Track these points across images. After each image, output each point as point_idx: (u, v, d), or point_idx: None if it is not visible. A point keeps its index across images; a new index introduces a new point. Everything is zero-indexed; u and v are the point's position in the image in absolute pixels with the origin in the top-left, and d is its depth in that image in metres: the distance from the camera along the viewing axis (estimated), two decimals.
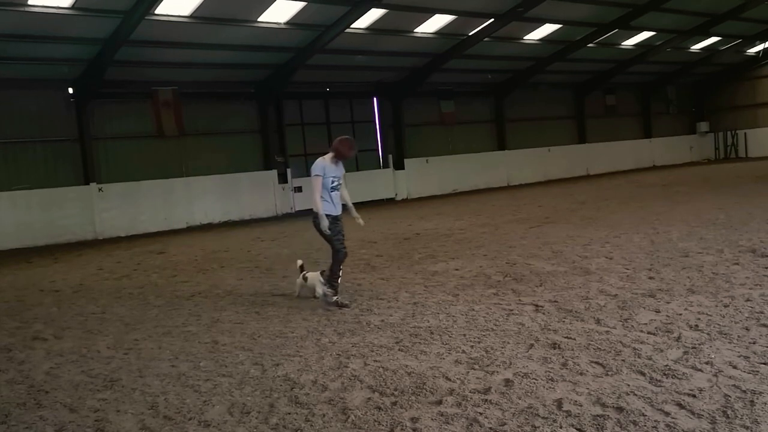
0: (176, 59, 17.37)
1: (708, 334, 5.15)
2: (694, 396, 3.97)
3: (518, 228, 12.71)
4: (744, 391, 3.96)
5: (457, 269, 8.84)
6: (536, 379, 4.45)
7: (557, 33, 22.34)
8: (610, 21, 22.21)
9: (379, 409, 4.17)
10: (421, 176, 23.85)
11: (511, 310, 6.38)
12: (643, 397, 4.01)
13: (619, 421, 3.69)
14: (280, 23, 16.86)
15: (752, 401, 3.82)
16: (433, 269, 9.00)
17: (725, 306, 5.90)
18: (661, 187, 19.90)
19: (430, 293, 7.49)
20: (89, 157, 17.37)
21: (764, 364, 4.41)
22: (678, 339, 5.08)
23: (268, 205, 20.45)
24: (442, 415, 3.99)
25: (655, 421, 3.67)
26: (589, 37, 23.09)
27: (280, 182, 20.69)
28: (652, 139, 31.98)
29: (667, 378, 4.28)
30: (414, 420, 3.96)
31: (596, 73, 28.11)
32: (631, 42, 25.26)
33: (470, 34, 20.49)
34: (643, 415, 3.75)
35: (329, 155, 7.15)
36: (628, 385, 4.20)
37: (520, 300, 6.80)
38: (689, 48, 27.89)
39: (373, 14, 17.46)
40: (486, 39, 20.60)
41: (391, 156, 23.28)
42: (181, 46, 16.54)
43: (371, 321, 6.42)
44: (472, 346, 5.32)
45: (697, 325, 5.38)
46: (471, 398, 4.21)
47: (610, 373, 4.46)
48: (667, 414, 3.75)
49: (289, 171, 20.89)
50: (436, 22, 19.20)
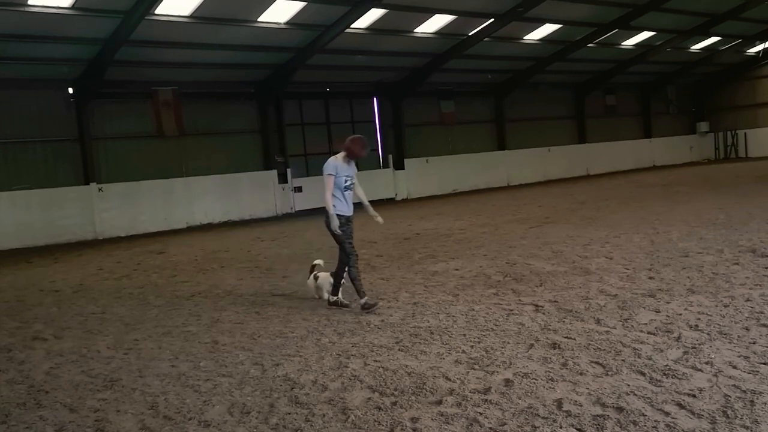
0: (176, 59, 17.37)
1: (708, 334, 5.15)
2: (694, 396, 3.97)
3: (518, 228, 12.71)
4: (744, 391, 3.97)
5: (457, 269, 8.85)
6: (536, 379, 4.45)
7: (557, 33, 22.34)
8: (610, 21, 22.21)
9: (379, 409, 4.17)
10: (421, 176, 23.84)
11: (511, 310, 6.39)
12: (643, 397, 4.01)
13: (619, 421, 3.70)
14: (280, 23, 16.86)
15: (752, 401, 3.82)
16: (433, 269, 9.00)
17: (725, 306, 5.90)
18: (661, 187, 19.90)
19: (430, 293, 7.49)
20: (89, 157, 17.37)
21: (764, 364, 4.41)
22: (678, 339, 5.08)
23: (268, 205, 20.45)
24: (442, 415, 3.99)
25: (655, 421, 3.67)
26: (589, 37, 23.10)
27: (280, 182, 20.69)
28: (652, 139, 31.98)
29: (667, 378, 4.28)
30: (414, 420, 3.96)
31: (596, 73, 28.11)
32: (631, 42, 25.26)
33: (470, 34, 20.49)
34: (643, 415, 3.75)
35: (341, 154, 7.01)
36: (628, 385, 4.20)
37: (520, 300, 6.80)
38: (689, 48, 27.89)
39: (373, 14, 17.46)
40: (486, 39, 20.60)
41: (391, 156, 23.28)
42: (181, 46, 16.54)
43: (371, 321, 6.43)
44: (472, 346, 5.32)
45: (697, 325, 5.38)
46: (471, 398, 4.22)
47: (610, 373, 4.47)
48: (667, 414, 3.75)
49: (289, 171, 20.89)
50: (436, 22, 19.20)
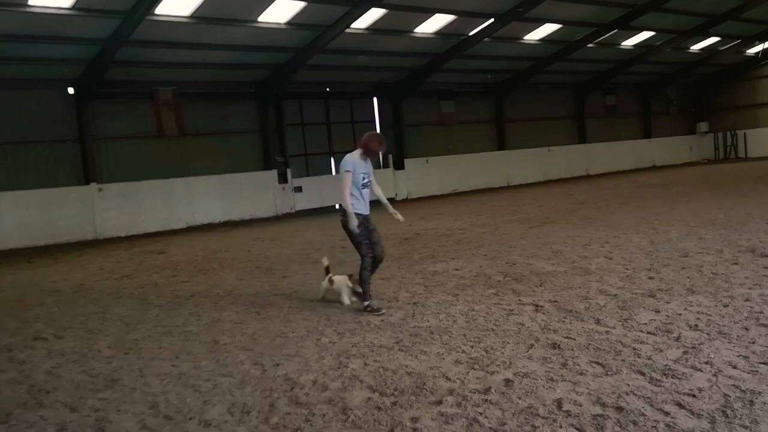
0: (176, 59, 17.36)
1: (707, 334, 5.16)
2: (693, 396, 3.98)
3: (518, 228, 12.72)
4: (743, 391, 3.97)
5: (457, 269, 8.85)
6: (536, 379, 4.45)
7: (557, 33, 22.33)
8: (610, 21, 22.20)
9: (379, 409, 4.18)
10: (421, 176, 23.84)
11: (511, 310, 6.39)
12: (642, 396, 4.02)
13: (618, 421, 3.70)
14: (280, 23, 16.85)
15: (752, 401, 3.83)
16: (433, 269, 9.00)
17: (725, 306, 5.91)
18: (660, 187, 19.90)
19: (430, 293, 7.49)
20: (89, 157, 17.36)
21: (763, 363, 4.42)
22: (678, 339, 5.09)
23: (268, 205, 20.44)
24: (442, 415, 4.00)
25: (654, 420, 3.68)
26: (589, 37, 23.09)
27: (280, 182, 20.67)
28: (652, 139, 31.97)
29: (666, 378, 4.29)
30: (414, 420, 3.96)
31: (596, 73, 28.11)
32: (631, 42, 25.25)
33: (470, 34, 20.49)
34: (643, 414, 3.76)
35: (358, 151, 6.92)
36: (628, 385, 4.21)
37: (520, 300, 6.81)
38: (689, 48, 27.88)
39: (373, 14, 17.45)
40: (486, 39, 20.59)
41: (391, 156, 23.26)
42: (181, 46, 16.53)
43: (371, 321, 6.43)
44: (472, 346, 5.32)
45: (696, 325, 5.39)
46: (471, 398, 4.22)
47: (609, 373, 4.47)
48: (667, 414, 3.76)
49: (289, 171, 20.88)
50: (436, 22, 19.19)
